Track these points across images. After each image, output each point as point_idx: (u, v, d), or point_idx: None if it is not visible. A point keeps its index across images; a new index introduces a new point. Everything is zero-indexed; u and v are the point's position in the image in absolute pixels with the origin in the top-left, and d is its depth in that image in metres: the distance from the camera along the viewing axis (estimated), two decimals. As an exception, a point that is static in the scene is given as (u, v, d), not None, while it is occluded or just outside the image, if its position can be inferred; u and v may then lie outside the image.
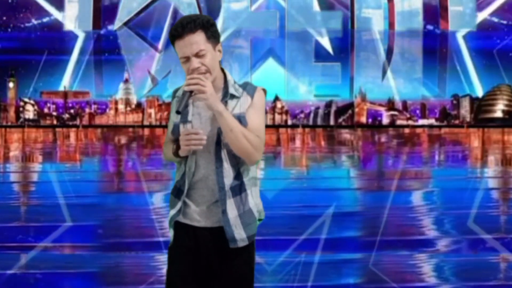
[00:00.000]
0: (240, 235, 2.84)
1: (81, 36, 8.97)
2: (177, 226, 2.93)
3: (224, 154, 2.82)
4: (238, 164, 2.85)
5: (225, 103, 2.82)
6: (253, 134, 2.81)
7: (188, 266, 2.87)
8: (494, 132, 9.29)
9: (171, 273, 2.92)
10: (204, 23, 2.79)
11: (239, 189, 2.85)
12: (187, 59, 2.78)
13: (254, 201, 2.90)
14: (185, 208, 2.90)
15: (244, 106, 2.85)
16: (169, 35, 2.83)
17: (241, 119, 2.81)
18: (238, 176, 2.85)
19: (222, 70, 2.92)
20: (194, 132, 2.77)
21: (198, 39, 2.77)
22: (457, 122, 9.27)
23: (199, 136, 2.76)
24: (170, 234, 2.95)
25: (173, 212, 2.92)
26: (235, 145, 2.78)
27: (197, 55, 2.77)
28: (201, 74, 2.77)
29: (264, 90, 2.93)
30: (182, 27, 2.77)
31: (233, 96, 2.85)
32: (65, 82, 9.03)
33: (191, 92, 2.73)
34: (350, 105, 9.28)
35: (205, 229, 2.86)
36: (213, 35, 2.81)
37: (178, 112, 2.76)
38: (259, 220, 2.95)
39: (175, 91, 3.00)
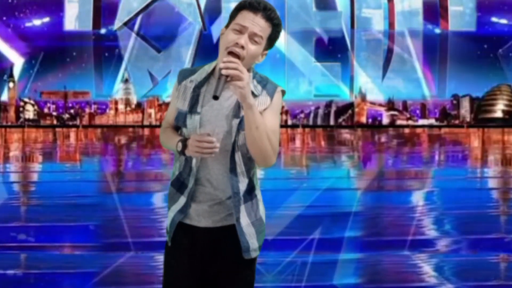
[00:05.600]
0: (253, 244, 2.69)
1: (80, 36, 8.96)
2: (176, 225, 2.77)
3: (238, 157, 2.63)
4: (249, 168, 2.67)
5: None
6: (273, 136, 2.61)
7: (184, 268, 2.73)
8: (494, 132, 9.29)
9: (169, 276, 2.78)
10: (278, 24, 2.64)
11: (250, 195, 2.69)
12: (243, 29, 2.58)
13: (263, 208, 2.77)
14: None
15: (262, 106, 2.62)
16: (243, 2, 2.62)
17: None
18: (250, 181, 2.68)
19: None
20: (208, 140, 2.55)
21: (264, 28, 2.60)
22: (457, 122, 9.27)
23: (213, 145, 2.55)
24: (168, 232, 2.78)
25: (176, 207, 2.74)
26: (256, 144, 2.56)
27: (252, 36, 2.59)
28: (235, 57, 2.54)
29: (283, 91, 2.71)
30: (263, 8, 2.60)
31: (252, 94, 2.59)
32: (64, 82, 9.02)
33: (226, 76, 2.49)
34: (350, 105, 9.28)
35: (204, 229, 2.71)
36: (271, 38, 2.65)
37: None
38: None
39: (185, 72, 2.77)
